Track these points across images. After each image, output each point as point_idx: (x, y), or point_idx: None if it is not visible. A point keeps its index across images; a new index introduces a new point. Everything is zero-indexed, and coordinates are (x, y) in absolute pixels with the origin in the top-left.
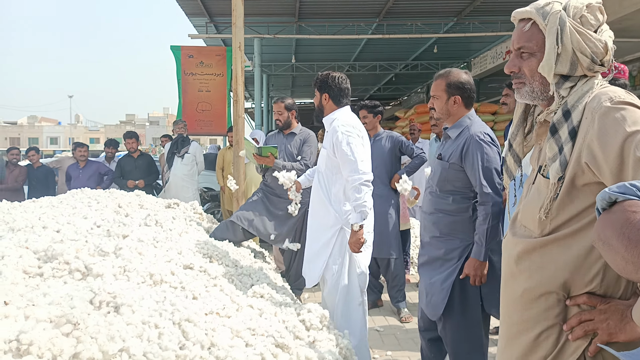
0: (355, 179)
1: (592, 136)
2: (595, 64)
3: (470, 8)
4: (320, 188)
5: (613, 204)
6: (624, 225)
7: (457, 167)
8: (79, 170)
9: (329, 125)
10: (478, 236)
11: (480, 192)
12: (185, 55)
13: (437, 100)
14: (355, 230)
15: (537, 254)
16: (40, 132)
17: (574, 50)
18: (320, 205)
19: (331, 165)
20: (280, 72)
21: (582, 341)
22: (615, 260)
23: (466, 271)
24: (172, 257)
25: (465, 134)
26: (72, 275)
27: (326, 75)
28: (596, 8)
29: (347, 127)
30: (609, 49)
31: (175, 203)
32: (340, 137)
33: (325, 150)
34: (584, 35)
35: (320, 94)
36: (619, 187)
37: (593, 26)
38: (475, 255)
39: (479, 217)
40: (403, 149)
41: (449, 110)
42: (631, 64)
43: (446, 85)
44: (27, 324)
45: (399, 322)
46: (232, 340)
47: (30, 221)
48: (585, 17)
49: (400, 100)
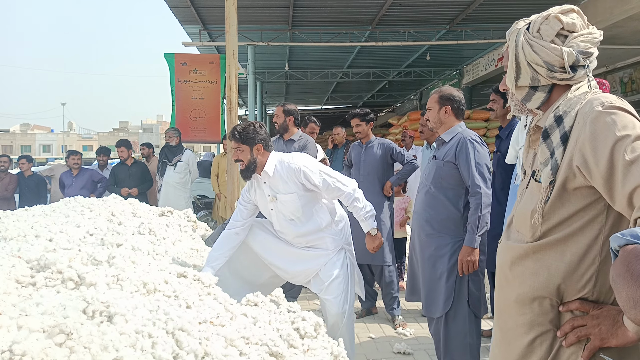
0: (348, 194)
1: (584, 140)
2: (553, 72)
3: (463, 16)
4: (304, 231)
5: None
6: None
7: (451, 165)
8: (72, 178)
9: (270, 176)
10: (470, 225)
11: (472, 184)
12: (179, 62)
13: (431, 111)
14: (373, 235)
15: (530, 260)
16: (33, 139)
17: (529, 62)
18: (311, 242)
19: (308, 204)
20: (274, 79)
21: (577, 347)
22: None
23: (459, 258)
24: (166, 266)
25: (458, 136)
26: (65, 284)
27: (250, 126)
28: (554, 18)
29: (302, 161)
30: (566, 57)
31: (168, 211)
32: (307, 171)
33: (290, 195)
34: (537, 47)
35: (250, 147)
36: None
37: (550, 36)
38: (468, 242)
39: (471, 207)
40: (394, 156)
41: (441, 119)
42: (622, 71)
43: (438, 97)
44: (20, 334)
45: (394, 330)
46: (226, 349)
47: (23, 230)
48: (543, 29)
49: (394, 107)
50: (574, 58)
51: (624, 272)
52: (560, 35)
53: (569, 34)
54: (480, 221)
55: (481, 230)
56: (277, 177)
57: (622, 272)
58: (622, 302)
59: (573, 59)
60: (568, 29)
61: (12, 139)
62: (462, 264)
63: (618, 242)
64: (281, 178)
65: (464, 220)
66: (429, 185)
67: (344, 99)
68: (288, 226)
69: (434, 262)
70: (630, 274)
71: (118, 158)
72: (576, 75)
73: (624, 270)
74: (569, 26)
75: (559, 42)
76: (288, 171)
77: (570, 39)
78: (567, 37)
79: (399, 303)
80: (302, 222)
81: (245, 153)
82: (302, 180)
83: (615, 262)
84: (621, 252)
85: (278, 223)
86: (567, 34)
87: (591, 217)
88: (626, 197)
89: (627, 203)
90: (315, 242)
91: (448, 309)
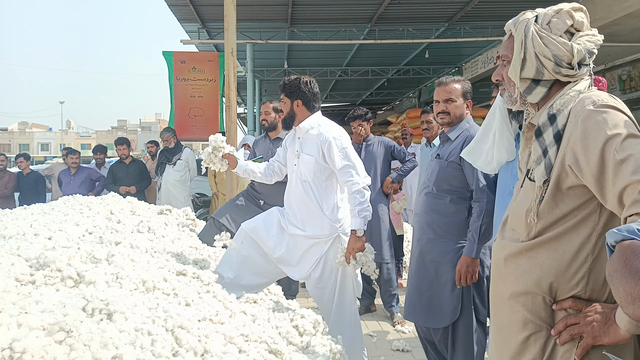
0: (356, 183)
1: (575, 139)
2: (560, 67)
3: (462, 13)
4: (309, 199)
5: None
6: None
7: (456, 166)
8: (70, 177)
9: (304, 132)
10: (471, 233)
11: (476, 188)
12: (178, 60)
13: (454, 103)
14: (359, 236)
15: (523, 258)
16: (31, 138)
17: (537, 54)
18: (311, 217)
19: (320, 173)
20: (272, 77)
21: (570, 345)
22: (619, 291)
23: (457, 268)
24: (165, 264)
25: (465, 134)
26: (64, 282)
27: (296, 80)
28: (566, 13)
29: (336, 132)
30: (575, 53)
31: (167, 209)
32: (333, 143)
33: (310, 157)
34: (547, 39)
35: (290, 101)
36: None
37: (560, 30)
38: (467, 252)
39: (474, 213)
40: (395, 154)
41: (462, 114)
42: (620, 68)
43: (462, 90)
44: (19, 332)
45: (392, 327)
46: (225, 346)
47: (22, 228)
48: (553, 23)
49: (393, 105)
50: (582, 55)
51: (621, 267)
52: (568, 32)
53: (576, 32)
54: (481, 230)
55: (483, 239)
56: (308, 136)
57: (620, 267)
58: (620, 297)
59: (581, 56)
60: (577, 26)
61: (10, 137)
62: (461, 274)
63: (614, 238)
64: (310, 139)
65: (467, 225)
66: (431, 187)
67: (342, 97)
68: (300, 187)
69: (436, 269)
70: (628, 270)
71: (116, 156)
72: (579, 73)
73: (622, 266)
74: (578, 24)
75: (566, 38)
76: (318, 135)
77: (577, 37)
78: (573, 34)
79: (398, 300)
80: (311, 188)
81: (286, 105)
82: (324, 149)
83: (611, 257)
84: (618, 247)
85: (295, 181)
86: (574, 32)
87: (584, 216)
88: (617, 196)
89: (618, 201)
90: (312, 220)
91: (455, 318)
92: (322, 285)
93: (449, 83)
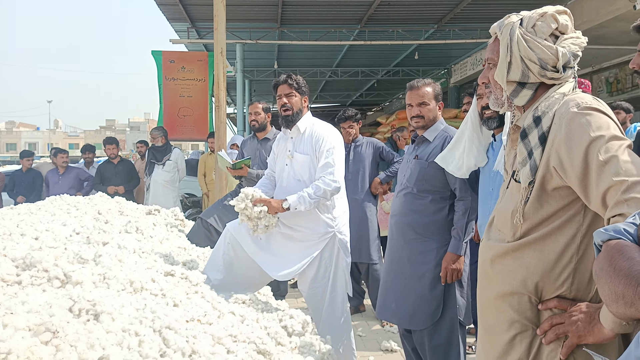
0: (330, 182)
1: (560, 141)
2: (545, 70)
3: (451, 15)
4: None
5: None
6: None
7: (436, 166)
8: (59, 177)
9: (299, 132)
10: (456, 230)
11: (460, 187)
12: (167, 60)
13: (427, 107)
14: (284, 207)
15: (510, 258)
16: (19, 137)
17: (522, 57)
18: (306, 216)
19: (315, 172)
20: (262, 77)
21: (556, 344)
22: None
23: (443, 265)
24: (153, 264)
25: (443, 135)
26: (51, 283)
27: (301, 78)
28: (550, 16)
29: (330, 132)
30: (560, 56)
31: (156, 209)
32: (327, 142)
33: (304, 156)
34: (532, 43)
35: (301, 97)
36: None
37: (545, 33)
38: (453, 249)
39: (458, 212)
40: (383, 155)
41: (436, 116)
42: (607, 71)
43: (434, 93)
44: (5, 333)
45: (381, 327)
46: (213, 347)
47: (8, 228)
48: (538, 26)
49: (382, 106)
50: (567, 58)
51: (606, 266)
52: (552, 35)
53: (560, 34)
54: (467, 227)
55: (467, 236)
56: (303, 136)
57: (605, 266)
58: (605, 296)
59: (566, 59)
60: (561, 29)
61: None
62: (447, 271)
63: (601, 237)
64: (305, 138)
65: (448, 225)
66: (410, 187)
67: (332, 98)
68: (295, 185)
69: (416, 269)
70: (613, 269)
71: (105, 156)
72: (564, 75)
73: (607, 265)
74: (562, 27)
75: (550, 41)
76: (313, 134)
77: (561, 40)
78: (557, 37)
79: None
80: (307, 186)
81: (297, 101)
82: (317, 147)
83: (598, 257)
84: (604, 247)
85: (287, 180)
86: (558, 35)
87: (569, 217)
88: (600, 197)
89: (601, 202)
90: (307, 219)
91: (436, 319)
92: (316, 284)
93: (421, 87)
